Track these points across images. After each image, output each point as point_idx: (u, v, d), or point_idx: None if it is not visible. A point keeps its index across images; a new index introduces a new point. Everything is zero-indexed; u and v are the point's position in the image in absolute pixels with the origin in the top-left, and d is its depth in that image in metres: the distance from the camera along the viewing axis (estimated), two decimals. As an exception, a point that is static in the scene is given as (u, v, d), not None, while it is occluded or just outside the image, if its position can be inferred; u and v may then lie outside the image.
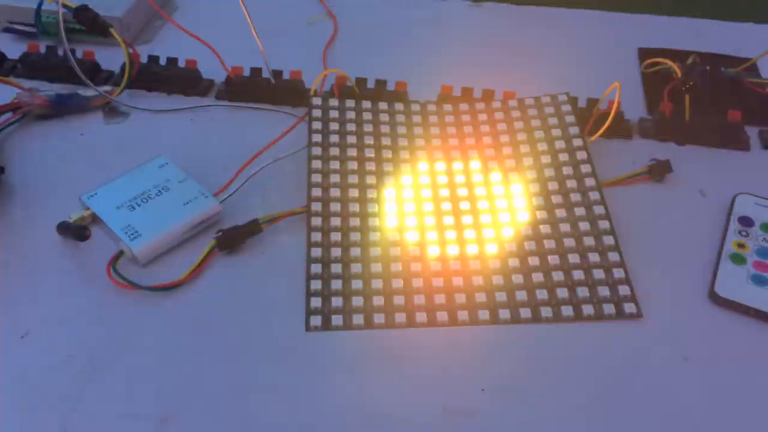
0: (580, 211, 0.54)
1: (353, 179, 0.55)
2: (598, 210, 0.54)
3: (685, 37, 0.74)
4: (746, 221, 0.54)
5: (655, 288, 0.50)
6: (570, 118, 0.60)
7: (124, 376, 0.45)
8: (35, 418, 0.43)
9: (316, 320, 0.48)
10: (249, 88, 0.65)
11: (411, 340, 0.47)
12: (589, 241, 0.52)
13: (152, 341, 0.47)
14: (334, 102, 0.61)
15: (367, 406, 0.44)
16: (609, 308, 0.48)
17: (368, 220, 0.53)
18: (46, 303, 0.49)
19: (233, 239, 0.51)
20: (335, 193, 0.54)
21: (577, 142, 0.58)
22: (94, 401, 0.44)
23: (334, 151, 0.57)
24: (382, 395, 0.44)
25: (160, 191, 0.54)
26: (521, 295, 0.49)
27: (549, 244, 0.52)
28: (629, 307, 0.49)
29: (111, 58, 0.67)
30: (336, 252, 0.51)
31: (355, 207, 0.54)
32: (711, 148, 0.62)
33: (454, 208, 0.54)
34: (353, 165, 0.56)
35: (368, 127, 0.59)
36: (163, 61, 0.67)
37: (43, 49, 0.68)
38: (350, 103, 0.61)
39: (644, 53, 0.71)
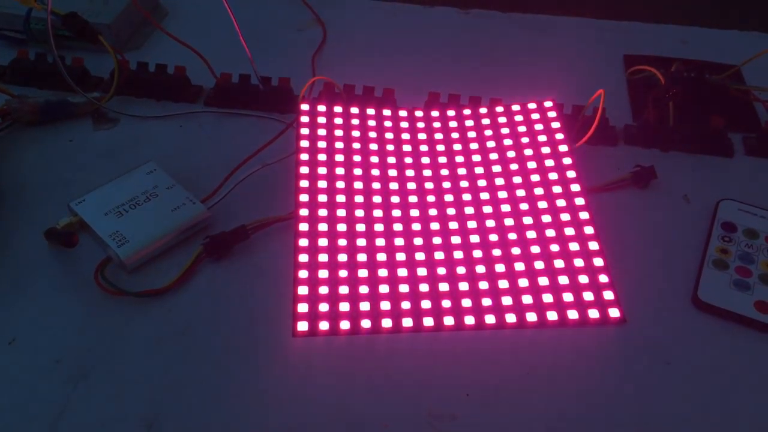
0: (565, 216, 0.54)
1: (341, 185, 0.56)
2: (583, 215, 0.54)
3: (670, 45, 0.75)
4: (729, 227, 0.55)
5: (639, 293, 0.51)
6: (555, 125, 0.60)
7: (112, 381, 0.45)
8: (23, 424, 0.43)
9: (303, 325, 0.48)
10: (238, 95, 0.65)
11: (397, 345, 0.48)
12: (573, 246, 0.52)
13: (139, 347, 0.47)
14: (322, 108, 0.61)
15: (352, 410, 0.44)
16: (593, 313, 0.49)
17: (355, 226, 0.53)
18: (34, 309, 0.49)
19: (221, 245, 0.52)
20: (322, 198, 0.55)
21: (563, 148, 0.59)
22: (82, 406, 0.44)
23: (322, 157, 0.57)
24: (368, 400, 0.45)
25: (148, 197, 0.54)
26: (507, 300, 0.49)
27: (534, 249, 0.52)
28: (613, 312, 0.49)
29: (100, 64, 0.68)
30: (323, 257, 0.51)
31: (342, 212, 0.54)
32: (695, 154, 0.62)
33: (440, 214, 0.55)
34: (341, 171, 0.57)
35: (356, 133, 0.60)
36: (152, 68, 0.67)
37: (32, 56, 0.68)
38: (338, 109, 0.61)
39: (630, 60, 0.72)
